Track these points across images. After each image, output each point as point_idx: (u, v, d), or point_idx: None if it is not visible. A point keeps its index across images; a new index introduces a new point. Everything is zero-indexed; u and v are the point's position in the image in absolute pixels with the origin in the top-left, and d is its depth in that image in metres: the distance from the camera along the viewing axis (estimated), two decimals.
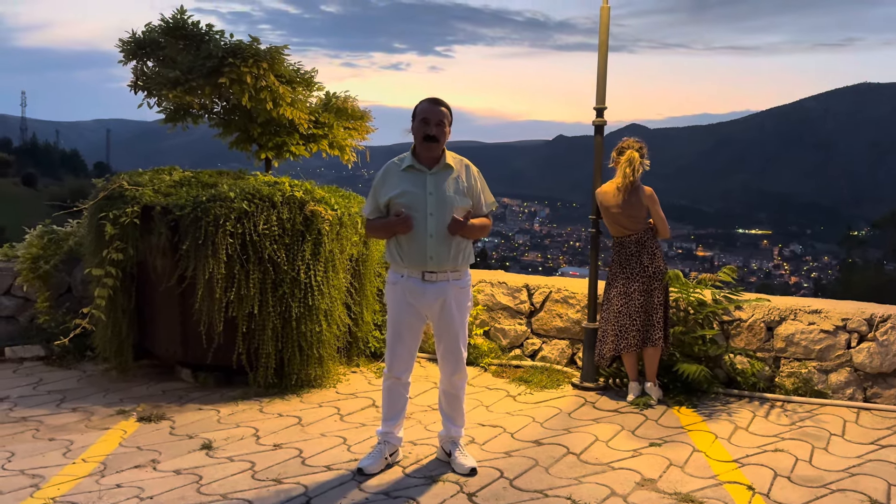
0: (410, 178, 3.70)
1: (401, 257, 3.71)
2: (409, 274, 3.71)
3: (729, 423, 4.69)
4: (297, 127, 6.08)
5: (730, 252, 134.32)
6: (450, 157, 3.75)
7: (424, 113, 3.68)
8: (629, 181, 5.03)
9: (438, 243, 3.65)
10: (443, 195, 3.67)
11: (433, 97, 3.74)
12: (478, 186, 3.81)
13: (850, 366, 5.11)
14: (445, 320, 3.75)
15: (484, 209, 3.86)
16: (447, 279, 3.72)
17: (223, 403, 4.86)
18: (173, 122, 6.23)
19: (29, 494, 3.47)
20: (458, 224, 3.62)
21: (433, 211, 3.65)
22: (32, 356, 5.70)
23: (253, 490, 3.56)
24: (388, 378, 3.85)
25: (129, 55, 5.89)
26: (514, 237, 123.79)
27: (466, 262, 3.80)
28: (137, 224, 4.90)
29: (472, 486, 3.67)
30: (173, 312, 5.04)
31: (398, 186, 3.69)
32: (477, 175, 3.84)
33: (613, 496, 3.61)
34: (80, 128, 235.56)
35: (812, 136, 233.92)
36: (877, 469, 3.99)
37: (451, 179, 3.72)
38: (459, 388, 3.88)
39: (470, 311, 3.90)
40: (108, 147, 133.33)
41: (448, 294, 3.72)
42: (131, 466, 3.83)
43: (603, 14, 5.15)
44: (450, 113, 3.73)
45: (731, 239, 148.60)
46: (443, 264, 3.68)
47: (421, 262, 3.66)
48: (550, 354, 5.83)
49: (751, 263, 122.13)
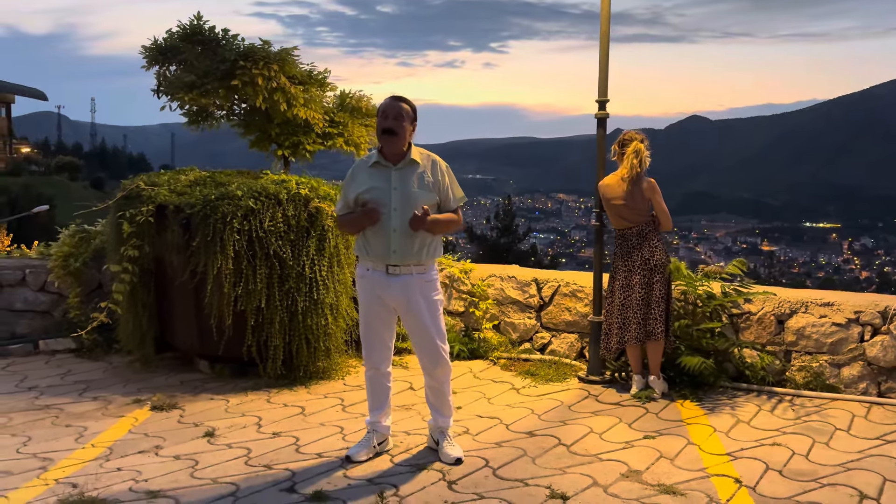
0: (376, 173, 3.79)
1: (367, 251, 3.81)
2: (374, 267, 3.81)
3: (731, 416, 4.64)
4: (313, 126, 6.26)
5: (796, 246, 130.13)
6: (416, 153, 3.82)
7: (384, 108, 3.78)
8: (636, 172, 5.01)
9: (402, 238, 3.73)
10: (407, 190, 3.75)
11: (395, 94, 3.83)
12: (445, 181, 3.87)
13: (864, 360, 4.97)
14: (413, 314, 3.82)
15: (452, 204, 3.90)
16: (411, 273, 3.78)
17: (234, 394, 5.06)
18: (196, 125, 6.49)
19: (36, 476, 3.70)
20: (418, 220, 3.67)
21: (397, 206, 3.73)
22: (64, 349, 6.02)
23: (243, 475, 3.72)
24: (368, 369, 3.96)
25: (152, 61, 6.15)
26: (570, 233, 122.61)
27: (432, 256, 3.85)
28: (152, 222, 5.13)
29: (455, 474, 3.75)
30: (188, 306, 5.26)
31: (365, 182, 3.79)
32: (445, 170, 3.89)
33: (594, 486, 3.63)
34: (147, 132, 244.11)
35: (882, 126, 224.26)
36: (875, 464, 3.90)
37: (417, 175, 3.79)
38: (443, 381, 3.94)
39: (441, 304, 3.93)
40: (173, 150, 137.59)
41: (413, 287, 3.78)
42: (135, 452, 4.04)
43: (604, 5, 5.14)
44: (412, 110, 3.81)
45: (797, 233, 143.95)
46: (406, 258, 3.75)
47: (385, 256, 3.75)
48: (559, 348, 5.84)
49: (818, 258, 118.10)
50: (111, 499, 3.41)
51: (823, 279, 60.47)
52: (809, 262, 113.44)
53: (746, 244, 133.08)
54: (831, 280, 60.30)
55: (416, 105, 3.86)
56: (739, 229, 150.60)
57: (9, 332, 6.20)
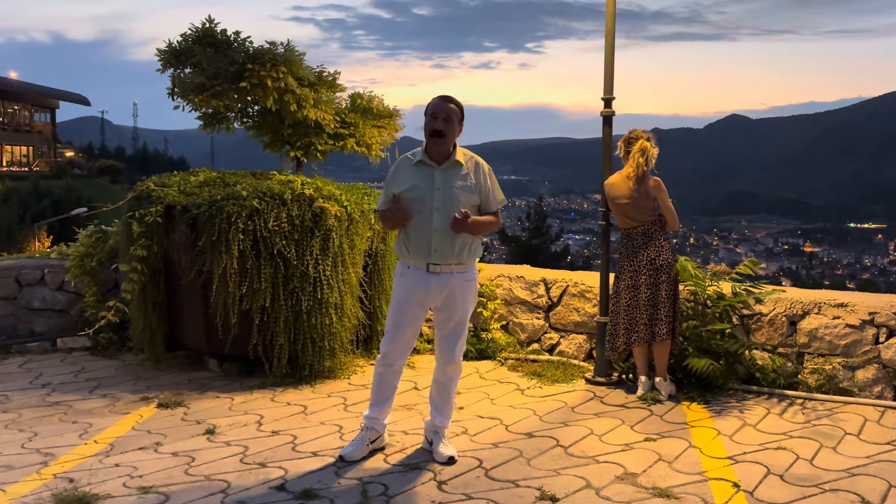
0: (420, 172, 3.81)
1: (407, 249, 3.84)
2: (414, 265, 3.84)
3: (737, 419, 4.53)
4: (324, 127, 6.29)
5: (840, 247, 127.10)
6: (460, 154, 3.84)
7: (433, 108, 3.79)
8: (642, 170, 4.94)
9: (443, 237, 3.75)
10: (450, 191, 3.77)
11: (444, 94, 3.84)
12: (487, 184, 3.88)
13: (879, 362, 4.82)
14: (448, 311, 3.86)
15: (493, 206, 3.92)
16: (451, 271, 3.81)
17: (240, 392, 5.11)
18: (210, 128, 6.58)
19: (36, 470, 3.78)
20: (459, 223, 3.69)
21: (439, 206, 3.75)
22: (80, 347, 6.15)
23: (236, 472, 3.75)
24: (381, 364, 3.96)
25: (166, 64, 6.25)
26: None
27: (472, 256, 3.88)
28: (160, 222, 5.21)
29: (447, 474, 3.73)
30: (197, 305, 5.33)
31: (408, 181, 3.81)
32: (488, 172, 3.90)
33: (587, 489, 3.58)
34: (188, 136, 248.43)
35: None
36: (881, 470, 3.78)
37: (460, 176, 3.81)
38: (452, 378, 3.97)
39: (474, 305, 3.97)
40: (213, 153, 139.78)
41: (452, 285, 3.82)
42: (135, 448, 4.10)
43: (609, 3, 5.08)
44: (460, 110, 3.82)
45: (841, 234, 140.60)
46: (446, 258, 3.78)
47: (425, 255, 3.78)
48: (568, 349, 5.78)
49: (863, 259, 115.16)
50: (104, 494, 3.47)
51: (866, 281, 58.84)
52: (854, 264, 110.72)
53: (788, 245, 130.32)
54: (874, 282, 58.70)
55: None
56: (781, 230, 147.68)
57: (28, 329, 6.36)
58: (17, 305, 6.38)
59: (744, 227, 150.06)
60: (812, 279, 55.78)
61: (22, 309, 6.38)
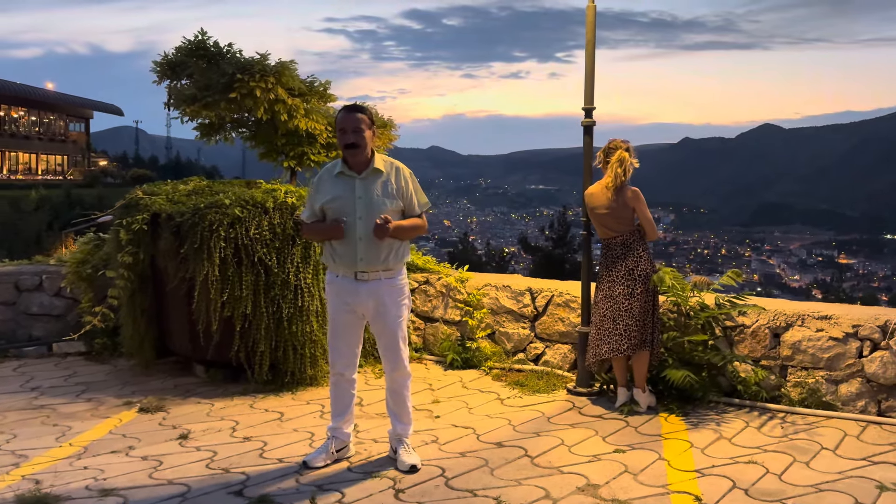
0: (341, 183, 3.84)
1: (334, 259, 3.85)
2: (342, 274, 3.85)
3: (713, 432, 4.47)
4: (317, 137, 6.38)
5: (876, 259, 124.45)
6: (379, 161, 3.85)
7: (341, 123, 3.82)
8: (620, 181, 4.91)
9: (368, 245, 3.76)
10: (371, 199, 3.78)
11: (349, 105, 3.87)
12: (409, 188, 3.89)
13: (862, 376, 4.72)
14: (381, 318, 3.86)
15: (416, 210, 3.93)
16: (379, 278, 3.82)
17: (221, 398, 5.17)
18: (208, 137, 6.71)
19: (7, 471, 3.87)
20: (380, 229, 3.70)
21: (362, 214, 3.76)
22: (75, 351, 6.28)
23: (199, 477, 3.79)
24: (332, 375, 3.99)
25: (162, 76, 6.39)
26: None
27: (399, 261, 3.88)
28: (146, 230, 5.31)
29: (406, 483, 3.73)
30: (182, 311, 5.41)
31: (329, 192, 3.84)
32: (408, 177, 3.91)
33: (545, 499, 3.56)
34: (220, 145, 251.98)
35: None
36: (850, 486, 3.70)
37: (380, 183, 3.83)
38: (402, 385, 3.96)
39: (408, 308, 3.98)
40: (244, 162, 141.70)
41: (381, 292, 3.83)
42: (108, 451, 4.17)
43: (589, 13, 5.08)
44: (368, 117, 3.84)
45: (877, 245, 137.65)
46: (373, 265, 3.79)
47: (352, 264, 3.79)
48: (553, 359, 5.75)
49: None
50: (64, 495, 3.54)
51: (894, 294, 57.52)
52: (890, 276, 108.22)
53: (823, 257, 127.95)
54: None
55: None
56: (815, 241, 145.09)
57: (26, 334, 6.51)
58: (16, 310, 6.54)
59: (777, 238, 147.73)
60: (843, 291, 54.60)
61: (20, 314, 6.54)
